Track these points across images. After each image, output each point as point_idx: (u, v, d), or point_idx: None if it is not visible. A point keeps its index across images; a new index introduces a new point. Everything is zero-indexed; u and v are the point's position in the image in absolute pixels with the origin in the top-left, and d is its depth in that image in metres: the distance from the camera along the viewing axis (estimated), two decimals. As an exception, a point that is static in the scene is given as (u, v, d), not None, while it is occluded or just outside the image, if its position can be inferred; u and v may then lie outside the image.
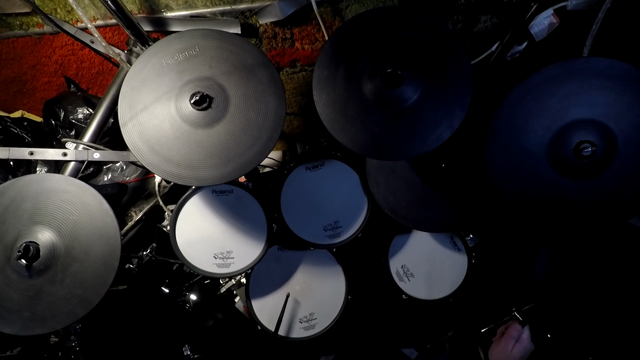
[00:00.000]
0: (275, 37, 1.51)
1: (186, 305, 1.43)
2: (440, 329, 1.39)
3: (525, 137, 0.97)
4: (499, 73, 1.41)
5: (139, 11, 1.40)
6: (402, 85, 0.95)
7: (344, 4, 1.39)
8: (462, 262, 1.42)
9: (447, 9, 1.43)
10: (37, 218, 0.97)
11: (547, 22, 1.27)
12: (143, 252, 1.44)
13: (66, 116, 1.58)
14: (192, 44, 1.01)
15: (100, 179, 1.63)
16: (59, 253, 0.96)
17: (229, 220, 1.28)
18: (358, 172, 1.34)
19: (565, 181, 0.97)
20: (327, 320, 1.41)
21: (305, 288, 1.41)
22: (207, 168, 0.97)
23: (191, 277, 1.51)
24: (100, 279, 0.96)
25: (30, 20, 1.48)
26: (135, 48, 1.35)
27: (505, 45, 1.31)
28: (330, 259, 1.43)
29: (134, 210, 1.67)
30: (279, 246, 1.42)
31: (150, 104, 0.98)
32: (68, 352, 1.32)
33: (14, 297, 0.94)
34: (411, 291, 1.41)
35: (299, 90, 1.78)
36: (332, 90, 0.99)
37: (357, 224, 1.35)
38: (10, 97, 1.83)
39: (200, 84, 0.98)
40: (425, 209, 1.27)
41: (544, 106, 0.96)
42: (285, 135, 2.03)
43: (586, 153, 0.93)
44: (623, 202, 0.97)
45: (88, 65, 1.67)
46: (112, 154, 1.22)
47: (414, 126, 0.97)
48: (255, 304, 1.39)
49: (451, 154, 1.23)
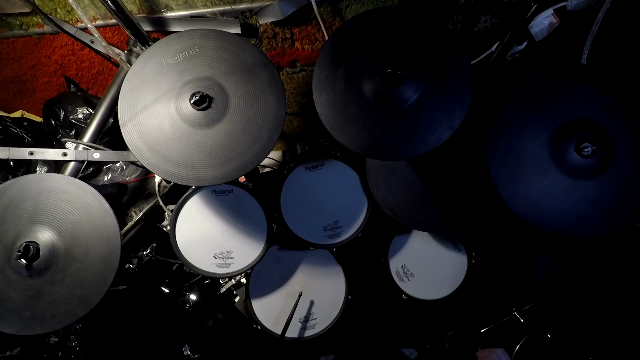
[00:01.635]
0: (275, 37, 1.51)
1: (186, 305, 1.43)
2: (440, 329, 1.39)
3: (525, 137, 0.97)
4: (499, 73, 1.41)
5: (139, 11, 1.40)
6: (402, 86, 0.95)
7: (344, 4, 1.39)
8: (462, 262, 1.42)
9: (447, 9, 1.43)
10: (37, 218, 0.97)
11: (547, 22, 1.27)
12: (143, 252, 1.44)
13: (66, 116, 1.58)
14: (192, 44, 1.01)
15: (100, 179, 1.63)
16: (59, 253, 0.96)
17: (229, 220, 1.28)
18: (358, 172, 1.34)
19: (567, 181, 0.97)
20: (327, 320, 1.41)
21: (305, 288, 1.41)
22: (207, 168, 0.97)
23: (191, 277, 1.51)
24: (100, 279, 0.96)
25: (30, 20, 1.48)
26: (135, 48, 1.35)
27: (505, 45, 1.31)
28: (330, 259, 1.43)
29: (134, 210, 1.67)
30: (279, 246, 1.42)
31: (150, 104, 0.98)
32: (68, 352, 1.32)
33: (14, 297, 0.94)
34: (411, 291, 1.41)
35: (299, 90, 1.78)
36: (332, 90, 0.99)
37: (357, 224, 1.35)
38: (10, 97, 1.83)
39: (200, 84, 0.98)
40: (425, 209, 1.27)
41: (544, 106, 0.96)
42: (285, 135, 2.03)
43: (586, 152, 0.93)
44: (626, 204, 0.96)
45: (88, 65, 1.67)
46: (112, 154, 1.22)
47: (414, 126, 0.97)
48: (255, 304, 1.39)
49: (451, 154, 1.23)
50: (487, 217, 1.25)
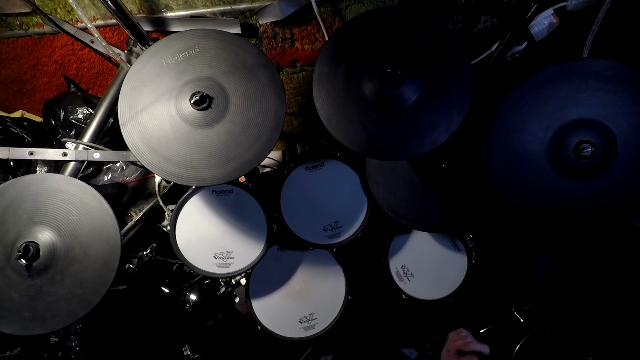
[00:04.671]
0: (275, 37, 1.51)
1: (186, 305, 1.43)
2: (440, 329, 1.38)
3: (524, 138, 0.97)
4: (499, 73, 1.41)
5: (139, 11, 1.40)
6: (401, 86, 0.95)
7: (344, 4, 1.39)
8: (462, 262, 1.42)
9: (447, 9, 1.43)
10: (37, 218, 0.97)
11: (547, 22, 1.27)
12: (143, 252, 1.44)
13: (66, 116, 1.58)
14: (192, 44, 1.01)
15: (100, 179, 1.63)
16: (59, 253, 0.96)
17: (229, 220, 1.28)
18: (358, 172, 1.34)
19: (566, 181, 0.97)
20: (327, 320, 1.41)
21: (305, 288, 1.41)
22: (207, 168, 0.97)
23: (191, 277, 1.51)
24: (100, 279, 0.96)
25: (30, 20, 1.48)
26: (135, 48, 1.35)
27: (505, 45, 1.31)
28: (330, 259, 1.43)
29: (134, 210, 1.67)
30: (279, 246, 1.41)
31: (150, 104, 0.98)
32: (68, 352, 1.32)
33: (14, 297, 0.94)
34: (411, 291, 1.41)
35: (299, 90, 1.78)
36: (332, 86, 0.99)
37: (357, 224, 1.35)
38: (10, 97, 1.83)
39: (200, 84, 0.98)
40: (425, 209, 1.27)
41: (544, 106, 0.96)
42: (285, 135, 2.03)
43: (586, 153, 0.93)
44: (624, 204, 0.97)
45: (88, 65, 1.67)
46: (112, 154, 1.22)
47: (411, 127, 0.97)
48: (255, 304, 1.39)
49: (451, 154, 1.23)
50: (487, 217, 1.25)
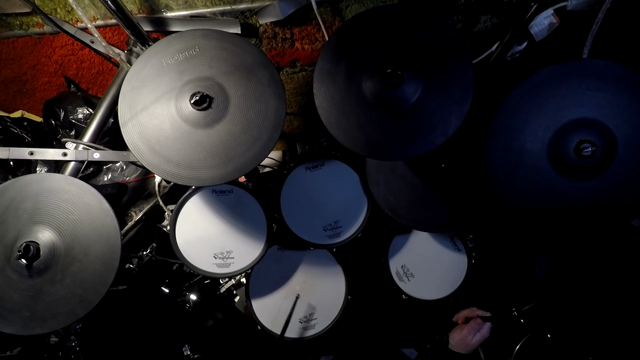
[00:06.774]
0: (275, 37, 1.51)
1: (186, 305, 1.43)
2: (440, 329, 1.39)
3: (525, 137, 0.97)
4: (499, 73, 1.41)
5: (139, 11, 1.40)
6: (401, 86, 0.95)
7: (344, 4, 1.39)
8: (462, 262, 1.42)
9: (447, 9, 1.43)
10: (37, 218, 0.97)
11: (547, 22, 1.27)
12: (143, 252, 1.44)
13: (66, 116, 1.58)
14: (192, 44, 1.01)
15: (100, 179, 1.63)
16: (59, 253, 0.96)
17: (229, 220, 1.28)
18: (358, 172, 1.34)
19: (566, 181, 0.97)
20: (327, 320, 1.41)
21: (305, 288, 1.41)
22: (207, 168, 0.97)
23: (191, 277, 1.51)
24: (100, 279, 0.96)
25: (30, 20, 1.48)
26: (135, 48, 1.35)
27: (505, 45, 1.31)
28: (330, 259, 1.43)
29: (134, 210, 1.67)
30: (279, 246, 1.42)
31: (150, 104, 0.98)
32: (68, 352, 1.32)
33: (14, 297, 0.94)
34: (411, 291, 1.41)
35: (299, 90, 1.78)
36: (332, 83, 0.99)
37: (357, 224, 1.35)
38: (10, 97, 1.83)
39: (200, 84, 0.98)
40: (425, 209, 1.27)
41: (544, 106, 0.96)
42: (285, 135, 2.03)
43: (586, 153, 0.92)
44: (624, 204, 0.97)
45: (88, 65, 1.67)
46: (112, 154, 1.22)
47: (409, 128, 0.97)
48: (255, 304, 1.39)
49: (451, 154, 1.23)
50: (488, 217, 1.25)
